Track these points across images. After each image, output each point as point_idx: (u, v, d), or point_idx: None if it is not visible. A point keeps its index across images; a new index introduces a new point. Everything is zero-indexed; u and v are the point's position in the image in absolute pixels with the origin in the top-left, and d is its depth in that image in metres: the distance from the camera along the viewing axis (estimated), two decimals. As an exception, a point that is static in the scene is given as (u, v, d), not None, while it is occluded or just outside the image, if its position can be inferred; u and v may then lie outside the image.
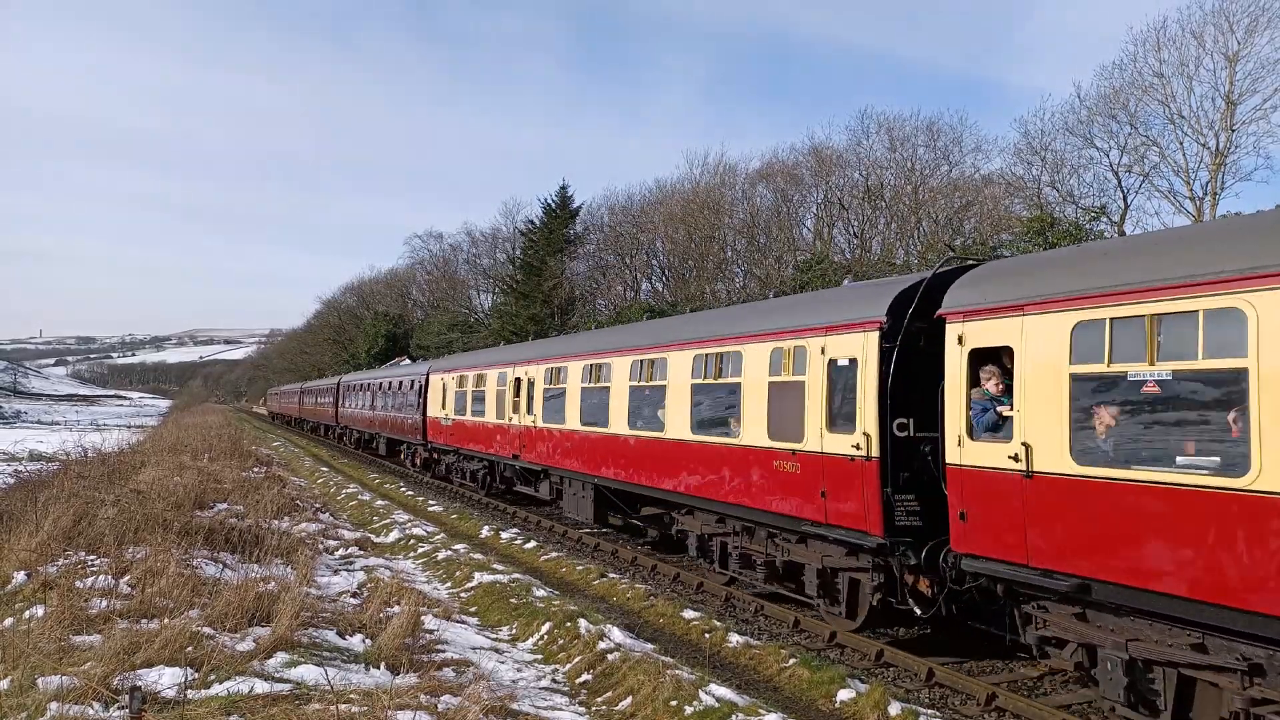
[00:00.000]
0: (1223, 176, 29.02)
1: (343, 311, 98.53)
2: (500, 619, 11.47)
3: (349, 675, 7.81)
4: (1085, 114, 31.58)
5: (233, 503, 17.16)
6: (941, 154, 39.27)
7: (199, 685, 7.21)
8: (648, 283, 49.40)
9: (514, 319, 50.98)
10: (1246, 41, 28.03)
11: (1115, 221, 30.40)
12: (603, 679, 8.83)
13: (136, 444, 28.96)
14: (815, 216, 43.93)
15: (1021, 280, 8.32)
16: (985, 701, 8.64)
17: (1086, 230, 27.51)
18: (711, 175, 49.14)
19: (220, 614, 8.97)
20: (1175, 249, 7.15)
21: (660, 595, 12.89)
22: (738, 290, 41.70)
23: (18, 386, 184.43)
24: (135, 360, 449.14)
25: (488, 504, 24.20)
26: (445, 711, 7.04)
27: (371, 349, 73.47)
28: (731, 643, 10.40)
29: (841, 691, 8.56)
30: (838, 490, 10.23)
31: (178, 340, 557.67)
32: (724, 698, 7.78)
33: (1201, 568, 6.46)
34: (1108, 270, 7.43)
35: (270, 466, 27.99)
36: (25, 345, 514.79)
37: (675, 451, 13.91)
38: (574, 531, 18.95)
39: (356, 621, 9.82)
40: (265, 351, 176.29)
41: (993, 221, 33.87)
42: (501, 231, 65.89)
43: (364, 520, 20.11)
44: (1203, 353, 6.51)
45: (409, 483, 29.90)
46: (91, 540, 11.65)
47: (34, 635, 8.01)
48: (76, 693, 6.67)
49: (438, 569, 14.69)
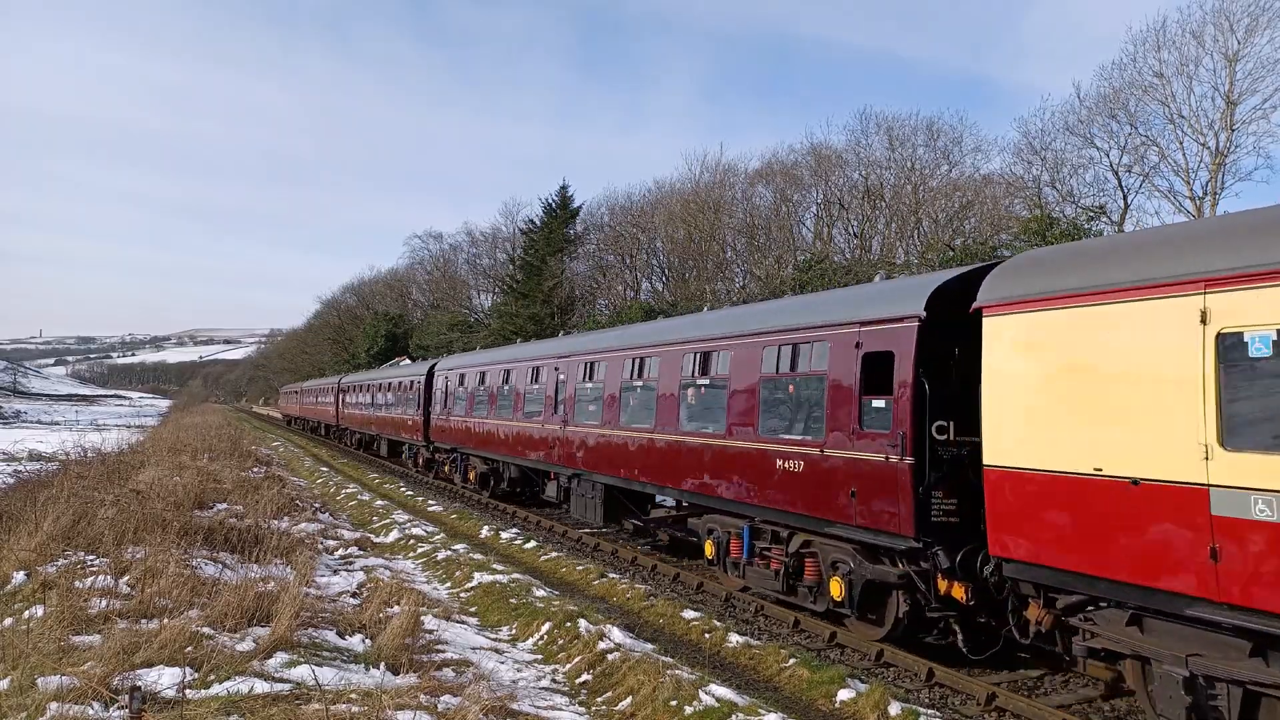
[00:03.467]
0: (1223, 176, 29.04)
1: (343, 311, 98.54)
2: (500, 619, 11.47)
3: (349, 675, 7.80)
4: (1085, 114, 31.64)
5: (232, 503, 17.16)
6: (941, 154, 39.31)
7: (199, 685, 7.21)
8: (648, 283, 49.42)
9: (514, 319, 50.97)
10: (1246, 41, 28.06)
11: (1115, 221, 30.40)
12: (603, 679, 8.83)
13: (136, 444, 28.97)
14: (815, 216, 43.98)
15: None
16: (985, 701, 8.64)
17: (1086, 230, 27.50)
18: (711, 175, 49.20)
19: (220, 614, 8.97)
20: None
21: (660, 595, 12.88)
22: (737, 290, 41.70)
23: (17, 386, 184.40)
24: (135, 360, 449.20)
25: (489, 504, 24.20)
26: (445, 711, 7.04)
27: (371, 349, 73.46)
28: (731, 643, 10.40)
29: (841, 691, 8.56)
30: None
31: (178, 340, 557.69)
32: (724, 698, 7.78)
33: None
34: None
35: (270, 466, 27.99)
36: (25, 345, 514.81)
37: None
38: (574, 531, 18.94)
39: (356, 621, 9.82)
40: (265, 351, 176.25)
41: (993, 221, 33.88)
42: (501, 231, 65.96)
43: (364, 520, 20.11)
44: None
45: (408, 483, 29.89)
46: (91, 540, 11.65)
47: (34, 635, 8.01)
48: (76, 693, 6.66)
49: (437, 569, 14.69)
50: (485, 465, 24.82)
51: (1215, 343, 6.51)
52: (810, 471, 10.74)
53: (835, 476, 10.29)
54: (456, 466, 27.47)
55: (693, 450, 13.41)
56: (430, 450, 30.35)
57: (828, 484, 10.42)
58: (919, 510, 9.10)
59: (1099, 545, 7.27)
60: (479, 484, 25.13)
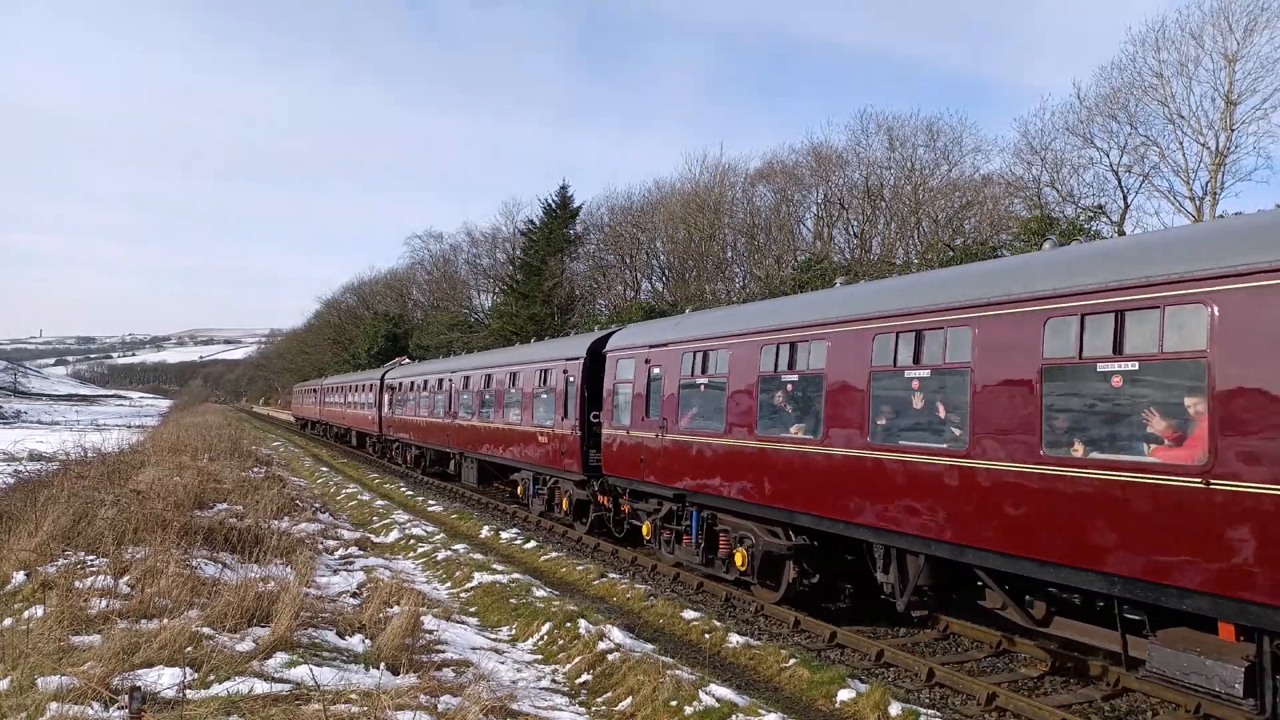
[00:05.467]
0: (1222, 176, 29.05)
1: (343, 311, 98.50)
2: (500, 619, 11.47)
3: (349, 675, 7.80)
4: (1085, 114, 31.63)
5: (232, 503, 17.16)
6: (941, 154, 39.29)
7: (199, 685, 7.21)
8: (648, 283, 49.43)
9: (514, 319, 50.99)
10: (1246, 41, 28.06)
11: (1115, 221, 30.40)
12: (603, 679, 8.83)
13: (136, 444, 28.97)
14: (815, 216, 43.97)
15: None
16: (985, 701, 8.64)
17: (1086, 230, 27.52)
18: (711, 175, 49.20)
19: (220, 614, 8.97)
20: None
21: (660, 595, 12.89)
22: (737, 290, 41.71)
23: (18, 386, 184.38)
24: (135, 360, 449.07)
25: (488, 504, 24.19)
26: (445, 712, 7.04)
27: (371, 349, 73.42)
28: (731, 643, 10.40)
29: (842, 691, 8.55)
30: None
31: (178, 340, 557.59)
32: (724, 698, 7.78)
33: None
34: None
35: (270, 466, 27.99)
36: (25, 345, 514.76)
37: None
38: (574, 531, 18.95)
39: (356, 622, 9.82)
40: (265, 351, 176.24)
41: (992, 221, 33.89)
42: (501, 231, 65.90)
43: (364, 520, 20.11)
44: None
45: (408, 483, 29.89)
46: (91, 540, 11.64)
47: (34, 635, 8.01)
48: (76, 693, 6.66)
49: (437, 569, 14.69)
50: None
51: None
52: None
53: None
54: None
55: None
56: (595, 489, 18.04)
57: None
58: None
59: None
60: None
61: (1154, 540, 6.91)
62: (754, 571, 12.28)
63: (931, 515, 9.08)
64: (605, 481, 17.16)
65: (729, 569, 12.98)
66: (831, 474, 10.56)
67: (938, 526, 9.00)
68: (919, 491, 9.23)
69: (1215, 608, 6.57)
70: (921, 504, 9.20)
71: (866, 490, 10.00)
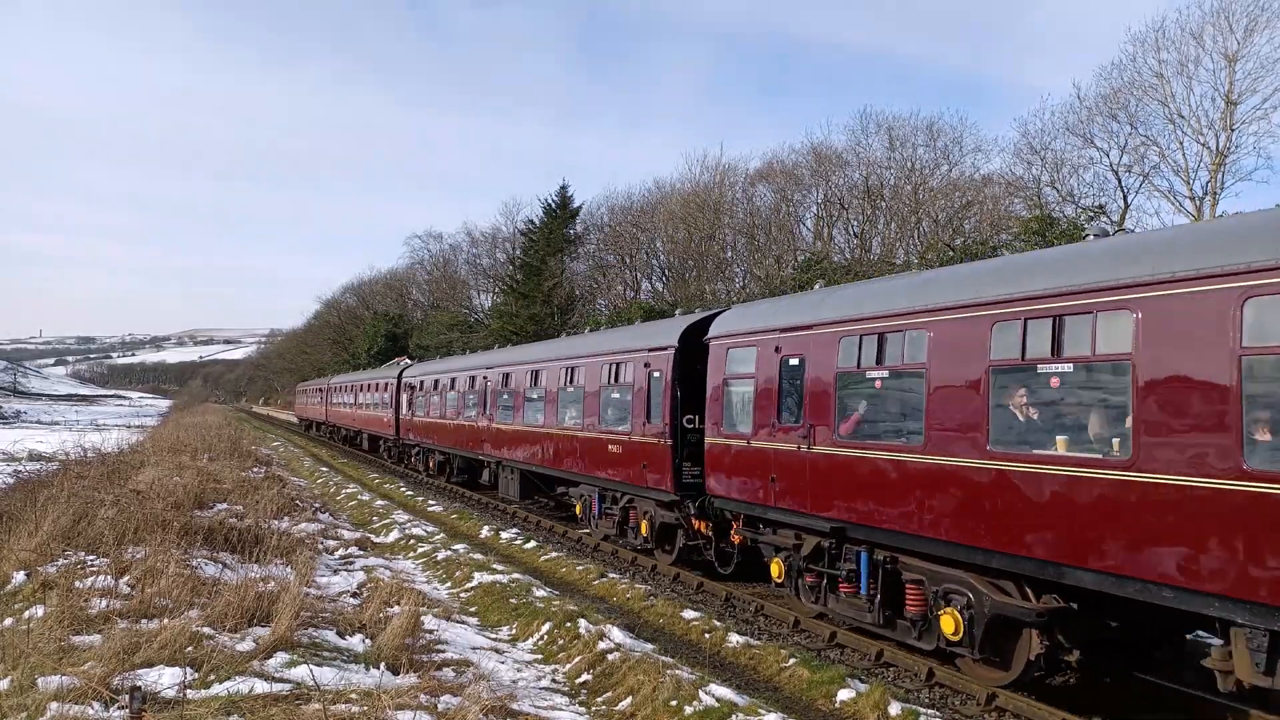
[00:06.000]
0: (1223, 176, 29.03)
1: (343, 311, 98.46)
2: (500, 619, 11.47)
3: (349, 675, 7.80)
4: (1085, 114, 31.60)
5: (232, 503, 17.16)
6: (941, 154, 39.28)
7: (199, 685, 7.21)
8: (648, 283, 49.40)
9: (514, 319, 50.98)
10: (1246, 41, 28.03)
11: (1115, 221, 30.40)
12: (603, 679, 8.83)
13: (136, 444, 28.96)
14: (815, 216, 43.95)
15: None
16: (985, 701, 8.64)
17: (1086, 230, 27.52)
18: (711, 175, 49.20)
19: (220, 614, 8.97)
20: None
21: (660, 595, 12.89)
22: (737, 291, 41.70)
23: (17, 386, 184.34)
24: (135, 360, 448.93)
25: (487, 504, 24.19)
26: (445, 711, 7.05)
27: (371, 349, 73.42)
28: (731, 643, 10.41)
29: (841, 691, 8.56)
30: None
31: (177, 340, 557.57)
32: (724, 698, 7.78)
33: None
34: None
35: (270, 466, 27.99)
36: (25, 345, 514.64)
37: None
38: (574, 531, 18.95)
39: (356, 621, 9.82)
40: (265, 351, 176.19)
41: (992, 221, 33.88)
42: (501, 231, 65.84)
43: (364, 520, 20.12)
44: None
45: (408, 483, 29.90)
46: (91, 540, 11.65)
47: (34, 635, 8.01)
48: (76, 693, 6.67)
49: (437, 569, 14.70)
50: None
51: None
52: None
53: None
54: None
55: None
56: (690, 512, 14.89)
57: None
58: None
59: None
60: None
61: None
62: (973, 643, 8.81)
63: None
64: (707, 503, 13.77)
65: (923, 634, 9.61)
66: (1147, 510, 6.98)
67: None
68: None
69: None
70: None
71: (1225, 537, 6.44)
